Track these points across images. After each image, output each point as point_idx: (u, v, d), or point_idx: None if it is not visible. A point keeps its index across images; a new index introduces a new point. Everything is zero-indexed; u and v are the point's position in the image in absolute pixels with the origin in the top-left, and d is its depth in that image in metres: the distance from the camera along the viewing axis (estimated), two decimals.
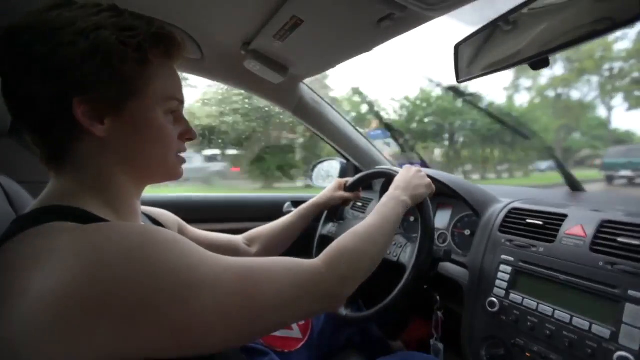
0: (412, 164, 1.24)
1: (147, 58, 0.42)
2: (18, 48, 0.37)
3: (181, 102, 0.48)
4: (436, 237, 0.91)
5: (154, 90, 0.43)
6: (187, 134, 0.50)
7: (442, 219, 0.93)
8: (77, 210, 0.39)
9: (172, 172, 0.49)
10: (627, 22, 0.41)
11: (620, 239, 0.52)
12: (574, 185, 0.98)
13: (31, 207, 0.41)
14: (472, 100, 1.05)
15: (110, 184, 0.44)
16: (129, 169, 0.45)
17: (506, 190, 0.96)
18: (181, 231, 0.71)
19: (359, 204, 1.23)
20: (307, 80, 1.10)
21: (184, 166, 0.52)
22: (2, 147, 0.78)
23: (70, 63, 0.37)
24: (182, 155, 0.51)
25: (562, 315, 0.53)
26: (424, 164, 1.40)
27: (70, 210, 0.39)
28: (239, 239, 0.82)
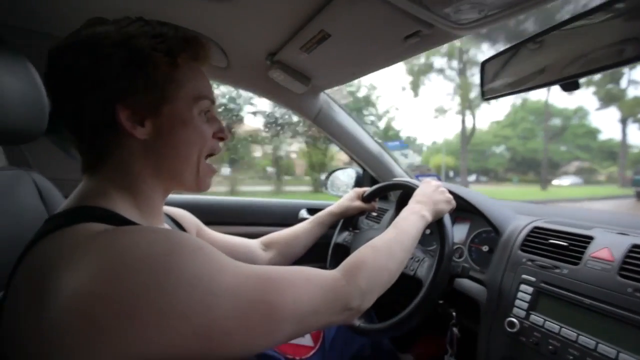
0: (429, 176, 1.23)
1: (177, 62, 0.44)
2: (62, 67, 0.41)
3: (212, 101, 0.50)
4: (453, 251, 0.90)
5: (186, 92, 0.46)
6: (220, 132, 0.52)
7: (459, 233, 0.92)
8: (107, 211, 0.41)
9: (201, 181, 0.51)
10: None
11: None
12: None
13: (63, 207, 0.43)
14: None
15: (141, 187, 0.46)
16: (162, 171, 0.47)
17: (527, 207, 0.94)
18: (199, 233, 0.73)
19: (374, 213, 1.23)
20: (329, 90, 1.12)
21: None
22: (37, 145, 0.82)
23: (110, 73, 0.40)
24: (214, 166, 0.53)
25: (587, 340, 0.52)
26: (438, 177, 1.39)
27: (101, 211, 0.41)
28: (255, 243, 0.83)
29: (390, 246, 0.57)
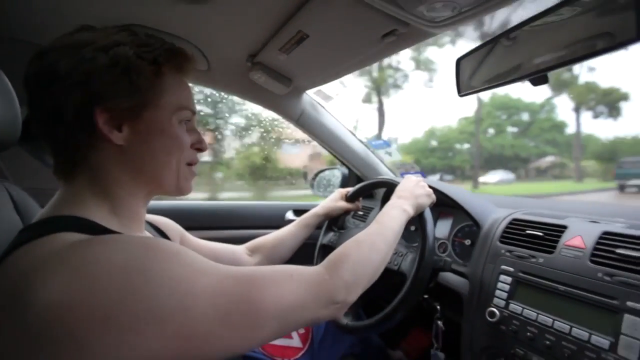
0: (412, 172, 1.26)
1: (161, 71, 0.45)
2: (44, 66, 0.40)
3: (193, 112, 0.50)
4: (436, 246, 0.92)
5: (168, 100, 0.46)
6: (199, 143, 0.52)
7: (442, 229, 0.94)
8: (83, 220, 0.40)
9: (182, 185, 0.50)
10: (627, 42, 0.42)
11: (619, 251, 0.53)
12: None
13: (38, 216, 0.43)
14: None
15: (119, 193, 0.45)
16: (141, 177, 0.46)
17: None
18: (183, 240, 0.72)
19: (360, 212, 1.24)
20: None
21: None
22: (10, 155, 0.80)
23: (92, 75, 0.40)
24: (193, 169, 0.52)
25: (562, 325, 0.54)
26: (423, 174, 1.42)
27: (77, 220, 0.40)
28: (240, 248, 0.83)
29: (372, 239, 0.58)
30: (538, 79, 0.55)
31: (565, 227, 0.64)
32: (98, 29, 0.44)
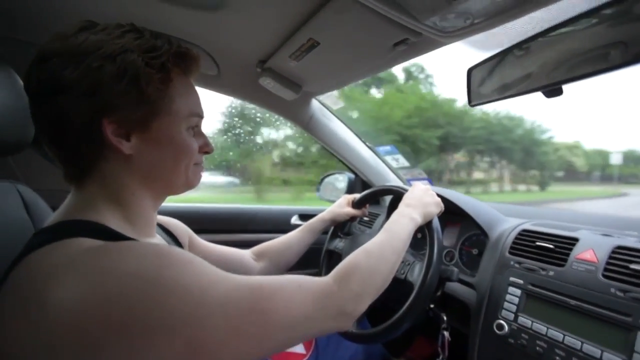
0: (420, 179, 1.25)
1: (170, 77, 0.44)
2: (48, 72, 0.39)
3: (201, 117, 0.50)
4: (443, 255, 0.91)
5: (177, 108, 0.45)
6: (205, 147, 0.52)
7: (449, 237, 0.93)
8: (97, 225, 0.41)
9: (190, 182, 0.51)
10: None
11: (633, 266, 0.52)
12: None
13: (52, 220, 0.43)
14: None
15: (131, 200, 0.45)
16: (151, 183, 0.47)
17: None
18: (191, 242, 0.73)
19: (366, 219, 1.24)
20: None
21: None
22: (21, 156, 0.82)
23: (99, 86, 0.39)
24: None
25: (573, 341, 0.53)
26: (430, 181, 1.41)
27: (90, 225, 0.40)
28: (246, 253, 0.83)
29: (381, 249, 0.57)
30: (552, 91, 0.55)
31: (576, 239, 0.63)
32: (100, 27, 0.42)
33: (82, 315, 0.30)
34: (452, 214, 0.90)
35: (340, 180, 1.41)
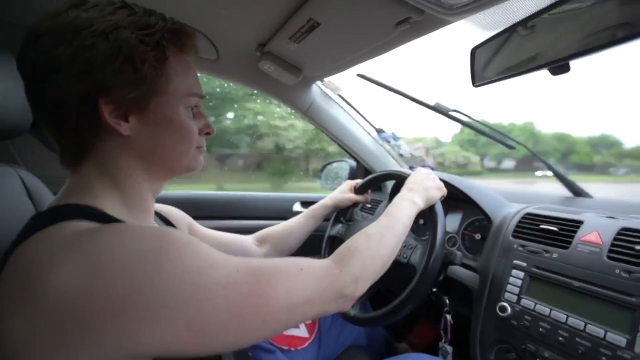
0: (422, 166, 1.24)
1: (165, 55, 0.42)
2: (40, 52, 0.38)
3: (201, 97, 0.49)
4: (446, 240, 0.91)
5: (175, 87, 0.44)
6: (207, 128, 0.51)
7: (452, 222, 0.93)
8: (93, 210, 0.40)
9: (192, 164, 0.50)
10: None
11: (638, 247, 0.52)
12: (577, 192, 0.94)
13: (50, 205, 0.42)
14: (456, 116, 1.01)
15: (128, 183, 0.45)
16: (150, 166, 0.46)
17: (515, 195, 0.95)
18: (191, 230, 0.72)
19: (369, 205, 1.23)
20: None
21: None
22: (23, 142, 0.81)
23: (93, 65, 0.38)
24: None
25: (576, 322, 0.53)
26: (432, 168, 1.40)
27: (87, 209, 0.40)
28: (249, 239, 0.83)
29: (382, 233, 0.57)
30: (558, 68, 0.53)
31: (581, 222, 0.62)
32: (91, 4, 0.40)
33: (82, 299, 0.30)
34: (454, 200, 0.89)
35: (342, 167, 1.40)
